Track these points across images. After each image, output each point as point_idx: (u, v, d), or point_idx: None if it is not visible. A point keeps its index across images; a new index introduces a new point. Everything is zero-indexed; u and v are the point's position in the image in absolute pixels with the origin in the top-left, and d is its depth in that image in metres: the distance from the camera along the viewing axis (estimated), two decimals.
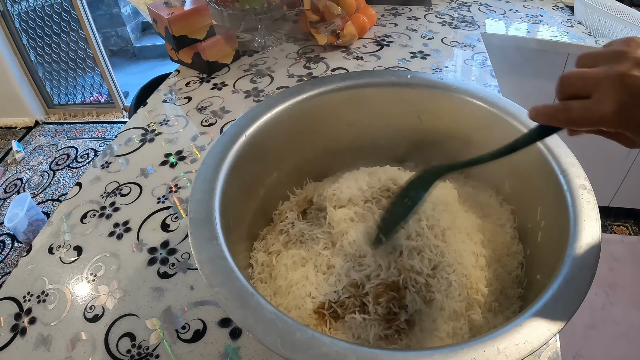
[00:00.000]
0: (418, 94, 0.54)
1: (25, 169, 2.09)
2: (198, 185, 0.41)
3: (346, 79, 0.54)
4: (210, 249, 0.35)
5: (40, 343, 0.46)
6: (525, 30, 1.13)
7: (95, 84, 2.44)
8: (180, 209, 0.61)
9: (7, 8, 2.14)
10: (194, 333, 0.46)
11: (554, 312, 0.30)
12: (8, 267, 1.62)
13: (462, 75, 0.88)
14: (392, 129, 0.57)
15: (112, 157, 0.72)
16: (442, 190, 0.49)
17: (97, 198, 0.64)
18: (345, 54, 0.98)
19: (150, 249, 0.56)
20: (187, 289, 0.51)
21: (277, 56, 0.99)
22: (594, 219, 0.36)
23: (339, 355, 0.28)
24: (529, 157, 0.45)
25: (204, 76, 0.94)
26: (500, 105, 0.49)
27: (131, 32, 2.99)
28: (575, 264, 0.33)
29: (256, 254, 0.48)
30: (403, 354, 0.29)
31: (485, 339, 0.29)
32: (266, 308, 0.31)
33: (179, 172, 0.68)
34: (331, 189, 0.49)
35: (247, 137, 0.47)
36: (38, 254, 0.56)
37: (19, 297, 0.51)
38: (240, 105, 0.83)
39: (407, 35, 1.04)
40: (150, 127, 0.79)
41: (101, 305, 0.50)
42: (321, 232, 0.46)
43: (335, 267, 0.42)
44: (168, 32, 0.89)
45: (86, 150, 2.17)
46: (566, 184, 0.40)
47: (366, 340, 0.39)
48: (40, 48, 2.32)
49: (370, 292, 0.40)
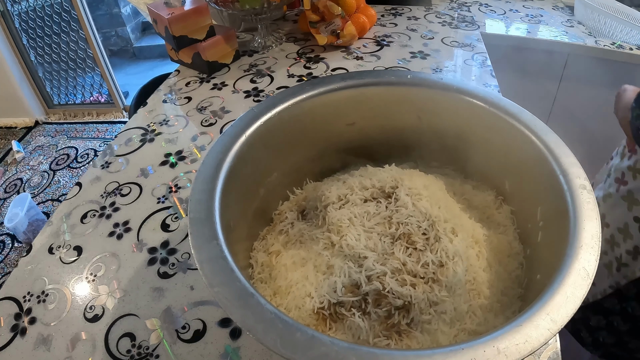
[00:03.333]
0: (418, 94, 0.54)
1: (25, 169, 2.09)
2: (198, 185, 0.41)
3: (346, 79, 0.54)
4: (210, 249, 0.35)
5: (40, 343, 0.46)
6: (525, 30, 1.13)
7: (95, 84, 2.44)
8: (180, 209, 0.61)
9: (7, 8, 2.14)
10: (194, 333, 0.46)
11: (554, 312, 0.30)
12: (8, 267, 1.62)
13: (462, 75, 0.88)
14: (392, 129, 0.57)
15: (112, 157, 0.72)
16: (435, 191, 0.49)
17: (97, 198, 0.64)
18: (345, 54, 0.98)
19: (150, 249, 0.56)
20: (187, 289, 0.51)
21: (277, 56, 0.99)
22: (594, 219, 0.36)
23: (339, 355, 0.28)
24: (529, 157, 0.45)
25: (204, 76, 0.94)
26: (500, 105, 0.49)
27: (131, 32, 3.00)
28: (575, 264, 0.33)
29: (256, 254, 0.48)
30: (403, 353, 0.29)
31: (485, 339, 0.29)
32: (266, 308, 0.31)
33: (179, 172, 0.68)
34: (331, 189, 0.49)
35: (247, 137, 0.47)
36: (38, 254, 0.56)
37: (19, 297, 0.51)
38: (240, 105, 0.83)
39: (407, 35, 1.04)
40: (150, 127, 0.79)
41: (101, 305, 0.50)
42: (321, 232, 0.46)
43: (334, 267, 0.42)
44: (168, 32, 0.89)
45: (86, 150, 2.17)
46: (566, 184, 0.39)
47: (366, 341, 0.39)
48: (40, 48, 2.32)
49: (370, 294, 0.40)
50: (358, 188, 0.48)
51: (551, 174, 0.41)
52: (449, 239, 0.42)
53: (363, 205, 0.47)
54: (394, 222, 0.44)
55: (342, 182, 0.51)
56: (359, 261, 0.41)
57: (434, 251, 0.41)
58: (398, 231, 0.43)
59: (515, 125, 0.47)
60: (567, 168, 0.41)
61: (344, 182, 0.51)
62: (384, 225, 0.44)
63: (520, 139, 0.46)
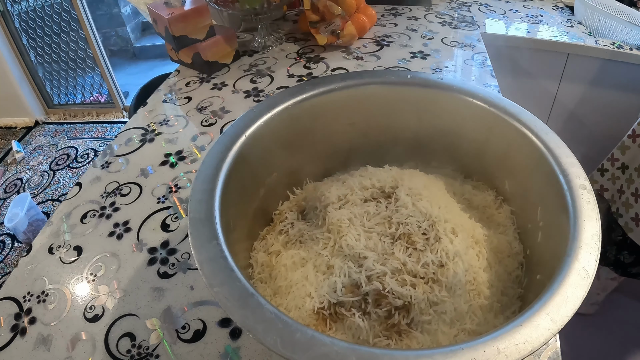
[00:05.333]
0: (418, 94, 0.54)
1: (25, 169, 2.09)
2: (198, 185, 0.41)
3: (346, 79, 0.54)
4: (210, 249, 0.35)
5: (40, 343, 0.46)
6: (525, 30, 1.13)
7: (95, 84, 2.44)
8: (180, 209, 0.61)
9: (7, 8, 2.14)
10: (194, 333, 0.46)
11: (554, 312, 0.30)
12: (8, 267, 1.62)
13: (462, 75, 0.88)
14: (392, 129, 0.57)
15: (112, 157, 0.72)
16: (435, 191, 0.49)
17: (97, 198, 0.64)
18: (345, 54, 0.98)
19: (150, 249, 0.56)
20: (187, 289, 0.51)
21: (277, 56, 0.99)
22: (594, 219, 0.36)
23: (339, 355, 0.28)
24: (529, 157, 0.45)
25: (204, 76, 0.94)
26: (500, 105, 0.49)
27: (131, 32, 2.99)
28: (575, 264, 0.33)
29: (256, 254, 0.48)
30: (403, 353, 0.29)
31: (485, 339, 0.29)
32: (266, 308, 0.31)
33: (179, 172, 0.68)
34: (330, 189, 0.49)
35: (247, 137, 0.47)
36: (38, 254, 0.56)
37: (19, 297, 0.51)
38: (240, 105, 0.83)
39: (407, 35, 1.04)
40: (150, 127, 0.79)
41: (101, 305, 0.50)
42: (321, 232, 0.46)
43: (334, 267, 0.42)
44: (168, 32, 0.89)
45: (86, 150, 2.17)
46: (566, 184, 0.39)
47: (366, 341, 0.39)
48: (40, 48, 2.32)
49: (370, 294, 0.40)
50: (358, 188, 0.48)
51: (551, 174, 0.41)
52: (449, 239, 0.42)
53: (363, 205, 0.47)
54: (394, 222, 0.44)
55: (342, 182, 0.51)
56: (359, 261, 0.41)
57: (434, 251, 0.41)
58: (398, 231, 0.43)
59: (515, 125, 0.47)
60: (567, 168, 0.41)
61: (344, 182, 0.51)
62: (384, 225, 0.44)
63: (520, 139, 0.46)
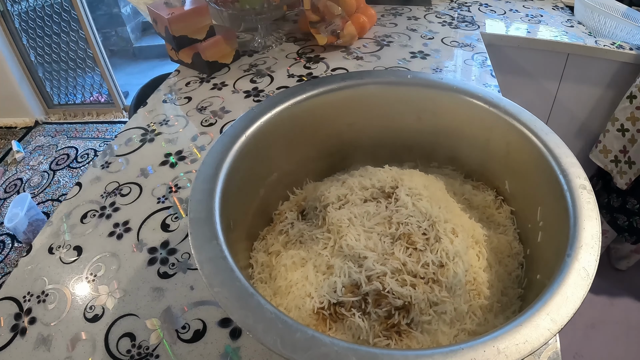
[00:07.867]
0: (418, 94, 0.54)
1: (25, 169, 2.09)
2: (198, 185, 0.41)
3: (346, 79, 0.54)
4: (210, 249, 0.35)
5: (40, 343, 0.46)
6: (525, 30, 1.13)
7: (95, 84, 2.44)
8: (180, 209, 0.61)
9: (7, 8, 2.14)
10: (194, 333, 0.46)
11: (554, 312, 0.30)
12: (8, 267, 1.62)
13: (462, 75, 0.88)
14: (392, 129, 0.57)
15: (112, 157, 0.72)
16: (435, 191, 0.49)
17: (97, 198, 0.64)
18: (345, 54, 0.98)
19: (150, 249, 0.56)
20: (187, 289, 0.51)
21: (277, 56, 0.99)
22: (594, 219, 0.36)
23: (339, 355, 0.28)
24: (529, 157, 0.45)
25: (204, 76, 0.94)
26: (500, 105, 0.49)
27: (131, 32, 2.99)
28: (575, 264, 0.33)
29: (256, 254, 0.48)
30: (403, 353, 0.29)
31: (485, 339, 0.29)
32: (266, 308, 0.31)
33: (179, 172, 0.68)
34: (330, 189, 0.49)
35: (247, 137, 0.47)
36: (38, 254, 0.56)
37: (19, 297, 0.51)
38: (240, 105, 0.83)
39: (407, 35, 1.04)
40: (150, 127, 0.79)
41: (101, 305, 0.50)
42: (320, 232, 0.46)
43: (334, 267, 0.42)
44: (168, 32, 0.89)
45: (86, 150, 2.17)
46: (566, 184, 0.39)
47: (366, 341, 0.39)
48: (40, 48, 2.32)
49: (370, 294, 0.40)
50: (358, 188, 0.48)
51: (551, 174, 0.41)
52: (449, 239, 0.42)
53: (363, 205, 0.47)
54: (394, 222, 0.44)
55: (342, 182, 0.51)
56: (359, 261, 0.41)
57: (434, 251, 0.41)
58: (398, 231, 0.43)
59: (515, 125, 0.47)
60: (567, 168, 0.41)
61: (344, 182, 0.51)
62: (384, 225, 0.44)
63: (520, 139, 0.46)
